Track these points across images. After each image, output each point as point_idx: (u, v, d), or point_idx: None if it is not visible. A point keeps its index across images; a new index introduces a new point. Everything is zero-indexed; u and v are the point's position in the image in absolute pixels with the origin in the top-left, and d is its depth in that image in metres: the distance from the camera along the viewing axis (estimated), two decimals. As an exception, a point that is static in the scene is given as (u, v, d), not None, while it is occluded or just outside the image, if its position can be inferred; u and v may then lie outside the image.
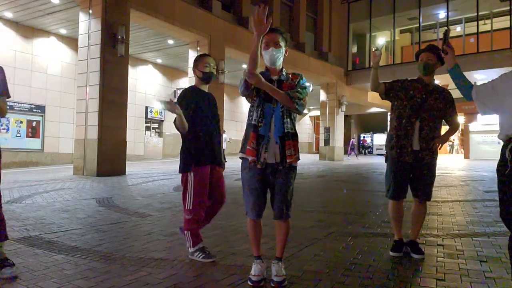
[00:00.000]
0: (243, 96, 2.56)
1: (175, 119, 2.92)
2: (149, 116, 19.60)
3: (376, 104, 26.18)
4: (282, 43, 2.50)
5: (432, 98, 3.11)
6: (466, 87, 2.39)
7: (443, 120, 3.25)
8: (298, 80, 2.54)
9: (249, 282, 2.48)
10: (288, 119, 2.49)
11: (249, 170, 2.52)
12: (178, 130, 3.00)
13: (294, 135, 2.52)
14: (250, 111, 2.58)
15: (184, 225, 3.10)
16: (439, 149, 3.14)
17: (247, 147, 2.48)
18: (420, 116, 3.09)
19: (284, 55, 2.55)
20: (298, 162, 2.54)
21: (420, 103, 3.11)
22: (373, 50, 3.13)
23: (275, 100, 2.46)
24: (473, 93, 2.32)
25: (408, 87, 3.18)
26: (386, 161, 3.31)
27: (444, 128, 3.28)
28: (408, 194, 3.27)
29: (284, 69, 2.57)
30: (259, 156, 2.46)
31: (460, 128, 29.33)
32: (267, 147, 2.45)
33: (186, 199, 3.06)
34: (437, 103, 3.11)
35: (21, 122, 14.48)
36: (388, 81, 3.30)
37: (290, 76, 2.55)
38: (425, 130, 3.08)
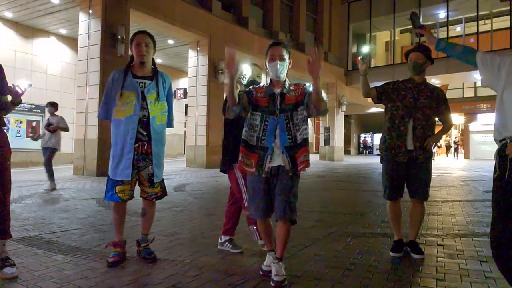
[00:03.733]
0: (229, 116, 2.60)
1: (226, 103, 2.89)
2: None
3: (376, 104, 26.19)
4: (286, 56, 2.58)
5: (424, 97, 3.12)
6: (464, 52, 2.26)
7: (437, 119, 3.25)
8: (304, 90, 2.57)
9: (260, 272, 2.62)
10: (304, 127, 2.53)
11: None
12: (224, 113, 2.82)
13: (307, 140, 2.56)
14: (245, 123, 2.62)
15: (247, 221, 3.24)
16: (433, 148, 3.15)
17: (239, 159, 2.60)
18: (413, 115, 3.10)
19: (288, 67, 2.62)
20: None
21: (413, 103, 3.11)
22: (359, 58, 3.17)
23: (278, 112, 2.53)
24: (478, 60, 2.17)
25: (400, 88, 3.20)
26: (381, 162, 3.31)
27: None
28: (406, 195, 3.27)
29: (287, 81, 2.63)
30: (263, 166, 2.53)
31: (460, 128, 29.38)
32: (271, 158, 2.52)
33: (243, 198, 3.13)
34: (429, 101, 3.12)
35: (21, 122, 14.48)
36: (380, 84, 3.30)
37: (292, 87, 2.61)
38: (419, 129, 3.09)
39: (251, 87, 2.71)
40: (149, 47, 2.89)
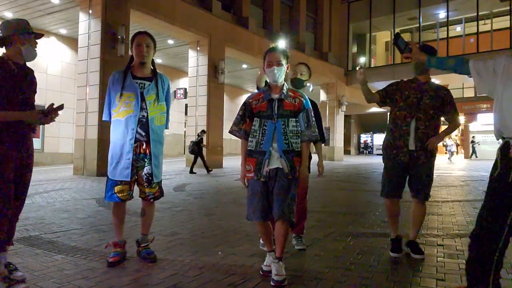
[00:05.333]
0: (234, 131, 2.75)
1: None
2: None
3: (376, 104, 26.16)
4: (283, 61, 2.63)
5: (428, 97, 3.08)
6: (457, 64, 2.26)
7: (443, 119, 3.22)
8: (301, 105, 2.62)
9: (260, 272, 2.64)
10: (298, 140, 2.60)
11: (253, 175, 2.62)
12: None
13: (299, 153, 2.61)
14: (249, 135, 2.66)
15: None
16: (435, 148, 3.10)
17: (246, 167, 2.64)
18: (416, 115, 3.07)
19: (286, 71, 2.67)
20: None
21: (415, 103, 3.08)
22: (357, 68, 3.17)
23: (276, 116, 2.57)
24: (471, 68, 2.16)
25: (403, 88, 3.18)
26: (383, 160, 3.30)
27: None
28: (407, 195, 3.27)
29: (285, 86, 2.67)
30: (261, 170, 2.56)
31: (460, 128, 29.34)
32: (269, 161, 2.55)
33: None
34: (433, 101, 3.08)
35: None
36: (381, 84, 3.30)
37: (291, 93, 2.65)
38: (421, 130, 3.05)
39: (248, 97, 2.75)
40: (150, 48, 2.90)
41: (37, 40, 2.60)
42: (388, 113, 3.38)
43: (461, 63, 2.24)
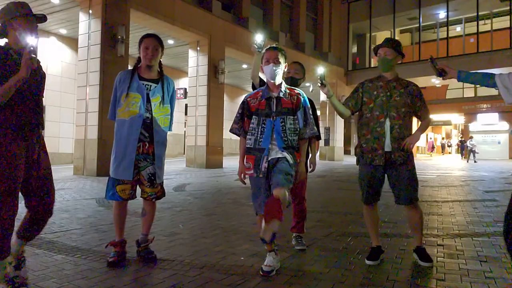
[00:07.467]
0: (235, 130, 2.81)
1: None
2: (149, 116, 19.53)
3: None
4: (282, 60, 2.68)
5: (397, 94, 2.93)
6: (485, 79, 2.46)
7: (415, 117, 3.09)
8: (300, 103, 2.66)
9: (260, 272, 2.64)
10: (296, 137, 2.64)
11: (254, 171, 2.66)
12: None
13: (297, 148, 2.66)
14: (248, 133, 2.69)
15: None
16: (411, 148, 2.90)
17: (246, 164, 2.70)
18: (389, 114, 2.91)
19: (284, 70, 2.72)
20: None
21: (386, 101, 2.92)
22: (318, 85, 2.99)
23: (274, 114, 2.61)
24: (497, 81, 2.36)
25: (371, 89, 3.02)
26: (357, 163, 3.12)
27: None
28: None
29: (283, 84, 2.70)
30: (260, 166, 2.59)
31: (460, 128, 29.35)
32: (268, 158, 2.59)
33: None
34: (403, 98, 2.92)
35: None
36: (348, 98, 3.13)
37: (289, 91, 2.69)
38: (396, 129, 2.88)
39: (247, 96, 2.77)
40: (157, 51, 2.94)
41: (37, 24, 2.41)
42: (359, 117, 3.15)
43: (487, 77, 2.46)
